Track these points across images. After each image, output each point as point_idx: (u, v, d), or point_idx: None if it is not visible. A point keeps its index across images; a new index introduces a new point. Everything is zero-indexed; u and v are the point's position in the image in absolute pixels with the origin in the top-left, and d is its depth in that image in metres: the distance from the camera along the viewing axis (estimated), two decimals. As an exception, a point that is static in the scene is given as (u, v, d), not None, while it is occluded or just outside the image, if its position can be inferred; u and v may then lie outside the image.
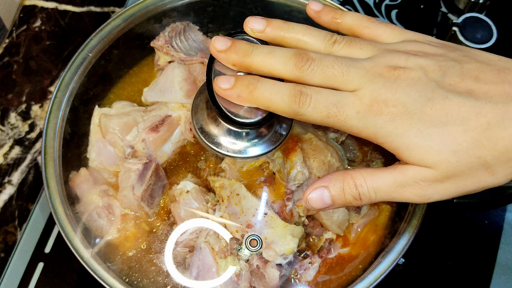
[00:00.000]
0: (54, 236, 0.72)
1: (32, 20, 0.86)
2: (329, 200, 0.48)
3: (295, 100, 0.46)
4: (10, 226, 0.73)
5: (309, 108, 0.45)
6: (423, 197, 0.46)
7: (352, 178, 0.47)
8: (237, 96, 0.47)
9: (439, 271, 0.73)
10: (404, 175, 0.46)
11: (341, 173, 0.48)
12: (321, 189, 0.48)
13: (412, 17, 0.89)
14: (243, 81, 0.47)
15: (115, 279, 0.55)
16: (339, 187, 0.48)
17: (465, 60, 0.46)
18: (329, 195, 0.48)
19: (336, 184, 0.48)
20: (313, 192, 0.49)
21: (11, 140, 0.78)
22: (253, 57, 0.47)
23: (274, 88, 0.46)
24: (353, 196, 0.48)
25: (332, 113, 0.45)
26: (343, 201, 0.48)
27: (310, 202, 0.49)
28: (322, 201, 0.48)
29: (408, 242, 0.57)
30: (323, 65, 0.46)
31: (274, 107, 0.47)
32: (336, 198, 0.48)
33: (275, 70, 0.47)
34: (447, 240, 0.75)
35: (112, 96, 0.68)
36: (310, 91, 0.46)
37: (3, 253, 0.72)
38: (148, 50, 0.68)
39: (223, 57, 0.48)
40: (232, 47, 0.48)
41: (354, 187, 0.47)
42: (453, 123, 0.43)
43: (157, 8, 0.68)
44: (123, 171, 0.59)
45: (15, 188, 0.75)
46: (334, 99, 0.45)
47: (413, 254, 0.59)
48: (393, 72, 0.45)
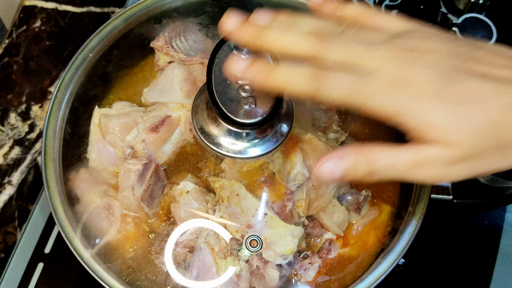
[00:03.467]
0: (54, 236, 0.72)
1: (32, 20, 0.86)
2: (339, 173, 0.46)
3: (314, 80, 0.44)
4: (10, 226, 0.73)
5: (329, 88, 0.44)
6: (436, 178, 0.45)
7: (366, 154, 0.46)
8: (254, 78, 0.46)
9: (439, 271, 0.73)
10: (421, 154, 0.45)
11: (355, 148, 0.46)
12: (334, 161, 0.46)
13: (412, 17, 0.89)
14: (258, 64, 0.46)
15: (115, 280, 0.55)
16: (351, 162, 0.46)
17: (475, 48, 0.46)
18: (341, 168, 0.46)
19: (349, 158, 0.46)
20: (325, 164, 0.46)
21: (11, 140, 0.78)
22: (270, 31, 0.46)
23: (292, 69, 0.45)
24: (364, 173, 0.46)
25: (352, 93, 0.44)
26: (353, 176, 0.46)
27: (320, 174, 0.46)
28: (333, 174, 0.46)
29: (408, 242, 0.57)
30: (344, 41, 0.45)
31: (292, 89, 0.45)
32: (347, 172, 0.46)
33: (293, 45, 0.45)
34: (447, 240, 0.75)
35: (112, 96, 0.68)
36: (329, 71, 0.44)
37: (3, 254, 0.72)
38: (148, 50, 0.68)
39: (237, 33, 0.46)
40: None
41: (366, 164, 0.46)
42: (474, 103, 0.43)
43: (157, 9, 0.67)
44: (123, 172, 0.59)
45: (15, 188, 0.75)
46: (354, 78, 0.44)
47: (413, 254, 0.59)
48: (411, 54, 0.44)
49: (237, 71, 0.46)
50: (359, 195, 0.62)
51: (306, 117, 0.63)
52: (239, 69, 0.46)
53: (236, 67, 0.46)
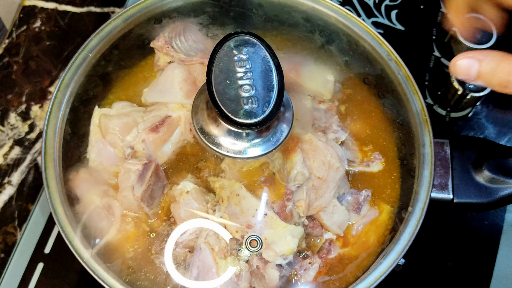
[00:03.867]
0: (54, 236, 0.72)
1: (32, 20, 0.86)
2: (475, 74, 0.46)
3: None
4: (10, 226, 0.73)
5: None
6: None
7: (509, 64, 0.45)
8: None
9: (439, 271, 0.73)
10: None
11: (499, 54, 0.46)
12: (473, 60, 0.46)
13: (412, 17, 0.89)
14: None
15: (115, 280, 0.55)
16: (491, 67, 0.46)
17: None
18: (478, 69, 0.46)
19: (491, 63, 0.46)
20: (464, 59, 0.46)
21: (11, 140, 0.78)
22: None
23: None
24: (500, 82, 0.45)
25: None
26: (487, 82, 0.46)
27: (455, 67, 0.47)
28: (468, 72, 0.46)
29: (408, 242, 0.57)
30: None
31: None
32: (483, 76, 0.46)
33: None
34: (447, 240, 0.75)
35: (112, 96, 0.68)
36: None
37: (3, 254, 0.72)
38: (148, 50, 0.68)
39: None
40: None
41: (506, 73, 0.45)
42: None
43: (157, 9, 0.67)
44: (123, 172, 0.59)
45: (15, 188, 0.75)
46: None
47: (413, 254, 0.59)
48: None
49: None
50: (359, 195, 0.62)
51: (306, 117, 0.63)
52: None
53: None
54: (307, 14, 0.68)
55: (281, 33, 0.70)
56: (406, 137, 0.64)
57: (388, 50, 0.65)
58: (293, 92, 0.64)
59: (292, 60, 0.67)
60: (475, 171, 0.61)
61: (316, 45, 0.69)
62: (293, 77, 0.66)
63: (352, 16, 0.67)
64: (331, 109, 0.65)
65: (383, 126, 0.66)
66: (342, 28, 0.67)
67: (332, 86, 0.67)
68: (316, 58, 0.68)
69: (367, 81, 0.68)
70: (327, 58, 0.68)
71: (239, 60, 0.53)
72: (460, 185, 0.60)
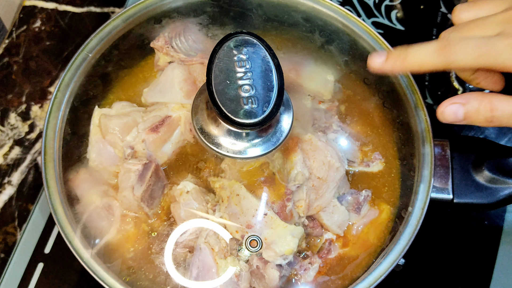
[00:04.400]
0: (54, 236, 0.72)
1: (32, 20, 0.86)
2: (462, 116, 0.51)
3: (444, 51, 0.49)
4: (10, 226, 0.73)
5: (459, 53, 0.49)
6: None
7: (489, 102, 0.50)
8: (392, 67, 0.53)
9: (439, 271, 0.73)
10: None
11: (479, 94, 0.51)
12: (458, 105, 0.51)
13: (412, 17, 0.89)
14: (393, 54, 0.53)
15: (115, 280, 0.55)
16: (474, 107, 0.50)
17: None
18: (463, 111, 0.51)
19: (473, 103, 0.50)
20: (450, 106, 0.51)
21: (11, 140, 0.78)
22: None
23: (422, 49, 0.51)
24: (486, 118, 0.50)
25: (483, 52, 0.48)
26: (474, 120, 0.51)
27: (444, 114, 0.51)
28: (455, 116, 0.51)
29: (408, 242, 0.57)
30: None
31: (426, 66, 0.51)
32: (469, 116, 0.51)
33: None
34: (447, 240, 0.75)
35: (112, 96, 0.68)
36: (456, 40, 0.50)
37: (3, 254, 0.72)
38: (148, 50, 0.68)
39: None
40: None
41: (489, 110, 0.50)
42: None
43: (157, 9, 0.67)
44: (123, 172, 0.59)
45: (15, 188, 0.75)
46: (481, 40, 0.49)
47: (413, 254, 0.59)
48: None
49: (379, 66, 0.54)
50: (359, 195, 0.62)
51: (306, 117, 0.63)
52: (380, 63, 0.53)
53: (377, 62, 0.54)
54: (307, 14, 0.68)
55: (281, 33, 0.70)
56: (406, 137, 0.64)
57: (388, 50, 0.65)
58: (293, 92, 0.64)
59: (292, 60, 0.67)
60: (475, 171, 0.61)
61: (316, 45, 0.69)
62: (293, 77, 0.66)
63: (352, 16, 0.67)
64: (331, 109, 0.65)
65: (383, 126, 0.66)
66: (342, 28, 0.67)
67: (332, 86, 0.67)
68: (316, 58, 0.68)
69: (367, 81, 0.68)
70: (327, 58, 0.68)
71: (239, 60, 0.53)
72: (460, 185, 0.60)
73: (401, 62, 0.52)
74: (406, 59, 0.52)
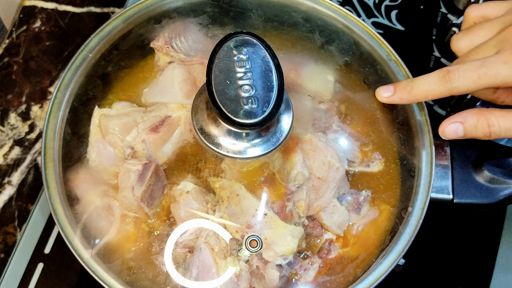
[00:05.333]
0: (54, 236, 0.72)
1: (32, 20, 0.86)
2: (462, 133, 0.55)
3: (445, 79, 0.53)
4: (10, 226, 0.73)
5: (460, 79, 0.53)
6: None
7: (486, 118, 0.54)
8: (400, 99, 0.58)
9: (439, 271, 0.73)
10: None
11: (476, 112, 0.55)
12: (457, 124, 0.55)
13: (412, 17, 0.89)
14: (400, 86, 0.58)
15: (115, 280, 0.55)
16: (472, 124, 0.54)
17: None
18: (463, 129, 0.55)
19: (471, 121, 0.54)
20: (450, 125, 0.55)
21: (11, 140, 0.78)
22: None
23: (426, 79, 0.55)
24: (484, 134, 0.54)
25: (481, 73, 0.52)
26: (474, 135, 0.55)
27: (445, 133, 0.56)
28: (456, 133, 0.56)
29: (408, 242, 0.57)
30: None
31: (432, 94, 0.55)
32: (468, 132, 0.55)
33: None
34: (447, 240, 0.75)
35: (112, 96, 0.68)
36: (454, 67, 0.54)
37: (3, 254, 0.72)
38: (148, 50, 0.68)
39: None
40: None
41: (487, 126, 0.54)
42: None
43: (157, 9, 0.67)
44: (123, 172, 0.59)
45: (15, 188, 0.75)
46: (479, 62, 0.52)
47: (413, 254, 0.59)
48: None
49: (387, 99, 0.59)
50: (359, 195, 0.62)
51: (306, 117, 0.63)
52: (388, 96, 0.59)
53: (385, 96, 0.59)
54: (307, 14, 0.68)
55: (281, 33, 0.70)
56: (406, 137, 0.64)
57: (388, 50, 0.65)
58: (293, 92, 0.64)
59: (292, 60, 0.67)
60: (475, 171, 0.61)
61: (316, 45, 0.69)
62: (293, 77, 0.66)
63: (352, 16, 0.67)
64: (331, 109, 0.65)
65: (383, 126, 0.66)
66: (342, 28, 0.67)
67: (332, 86, 0.67)
68: (316, 58, 0.68)
69: (367, 81, 0.68)
70: (327, 58, 0.68)
71: (239, 60, 0.53)
72: (460, 185, 0.60)
73: (408, 94, 0.57)
74: (412, 91, 0.56)
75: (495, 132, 0.54)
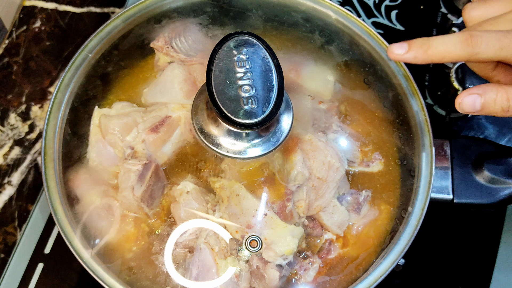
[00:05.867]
0: (54, 236, 0.72)
1: (32, 20, 0.86)
2: (479, 106, 0.52)
3: (467, 43, 0.50)
4: (10, 226, 0.73)
5: (482, 45, 0.50)
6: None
7: (506, 92, 0.51)
8: (414, 58, 0.53)
9: (439, 271, 0.73)
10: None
11: (495, 85, 0.52)
12: (475, 95, 0.52)
13: (412, 17, 0.89)
14: (415, 44, 0.53)
15: (115, 280, 0.55)
16: (492, 97, 0.52)
17: None
18: (481, 102, 0.52)
19: (490, 94, 0.52)
20: (467, 97, 0.52)
21: (11, 140, 0.78)
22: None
23: (446, 40, 0.52)
24: (502, 108, 0.52)
25: (505, 44, 0.50)
26: (491, 110, 0.52)
27: (462, 105, 0.53)
28: (473, 106, 0.52)
29: (408, 242, 0.57)
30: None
31: (450, 56, 0.52)
32: (486, 106, 0.52)
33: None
34: (447, 240, 0.75)
35: (112, 96, 0.68)
36: (478, 32, 0.51)
37: (3, 254, 0.72)
38: (148, 50, 0.68)
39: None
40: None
41: (506, 100, 0.51)
42: None
43: (157, 9, 0.67)
44: (123, 172, 0.59)
45: (15, 188, 0.75)
46: (503, 33, 0.50)
47: (413, 254, 0.59)
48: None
49: (400, 56, 0.53)
50: (359, 195, 0.62)
51: (306, 117, 0.63)
52: (401, 53, 0.53)
53: (398, 53, 0.53)
54: (307, 14, 0.68)
55: (281, 33, 0.70)
56: (406, 137, 0.64)
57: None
58: (293, 92, 0.64)
59: (292, 60, 0.67)
60: (475, 171, 0.61)
61: (316, 45, 0.69)
62: (293, 77, 0.66)
63: (352, 17, 0.67)
64: (331, 109, 0.65)
65: (383, 126, 0.66)
66: (342, 28, 0.67)
67: (332, 86, 0.67)
68: (316, 58, 0.68)
69: (367, 81, 0.68)
70: (327, 58, 0.68)
71: (238, 60, 0.53)
72: (460, 185, 0.60)
73: (424, 52, 0.53)
74: (429, 50, 0.53)
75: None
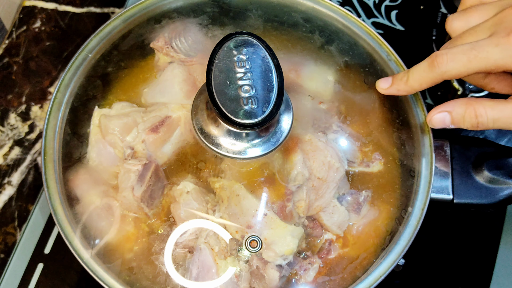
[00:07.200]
0: (53, 236, 0.72)
1: (32, 20, 0.86)
2: (449, 122, 0.55)
3: (434, 65, 0.53)
4: (9, 227, 0.73)
5: (449, 63, 0.52)
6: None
7: (474, 108, 0.52)
8: (397, 90, 0.58)
9: (439, 271, 0.73)
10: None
11: (464, 101, 0.53)
12: (444, 113, 0.54)
13: (412, 18, 0.89)
14: (397, 77, 0.57)
15: (114, 280, 0.55)
16: (460, 114, 0.53)
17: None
18: (450, 118, 0.54)
19: (458, 110, 0.53)
20: (437, 114, 0.55)
21: (11, 140, 0.78)
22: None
23: (418, 68, 0.55)
24: (471, 124, 0.53)
25: (472, 56, 0.50)
26: (461, 126, 0.54)
27: (432, 122, 0.55)
28: (443, 123, 0.55)
29: (408, 242, 0.57)
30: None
31: (426, 82, 0.55)
32: (456, 122, 0.54)
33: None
34: (447, 240, 0.75)
35: (112, 97, 0.68)
36: (443, 51, 0.53)
37: (3, 254, 0.72)
38: (148, 51, 0.68)
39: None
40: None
41: (474, 117, 0.52)
42: None
43: (157, 9, 0.68)
44: (123, 172, 0.59)
45: (15, 189, 0.75)
46: (469, 45, 0.51)
47: (413, 254, 0.59)
48: None
49: (386, 90, 0.59)
50: (359, 195, 0.62)
51: (306, 117, 0.63)
52: (386, 87, 0.59)
53: (384, 87, 0.59)
54: (307, 14, 0.68)
55: (281, 33, 0.70)
56: (406, 137, 0.64)
57: (388, 50, 0.65)
58: (293, 92, 0.64)
59: (292, 61, 0.67)
60: (475, 171, 0.61)
61: (316, 46, 0.69)
62: (293, 77, 0.66)
63: (352, 17, 0.67)
64: (331, 109, 0.65)
65: (383, 126, 0.66)
66: (342, 29, 0.67)
67: (332, 86, 0.67)
68: (316, 58, 0.68)
69: (367, 81, 0.68)
70: (327, 58, 0.68)
71: (238, 61, 0.53)
72: (460, 185, 0.60)
73: (404, 84, 0.57)
74: (408, 81, 0.56)
75: (483, 123, 0.52)
